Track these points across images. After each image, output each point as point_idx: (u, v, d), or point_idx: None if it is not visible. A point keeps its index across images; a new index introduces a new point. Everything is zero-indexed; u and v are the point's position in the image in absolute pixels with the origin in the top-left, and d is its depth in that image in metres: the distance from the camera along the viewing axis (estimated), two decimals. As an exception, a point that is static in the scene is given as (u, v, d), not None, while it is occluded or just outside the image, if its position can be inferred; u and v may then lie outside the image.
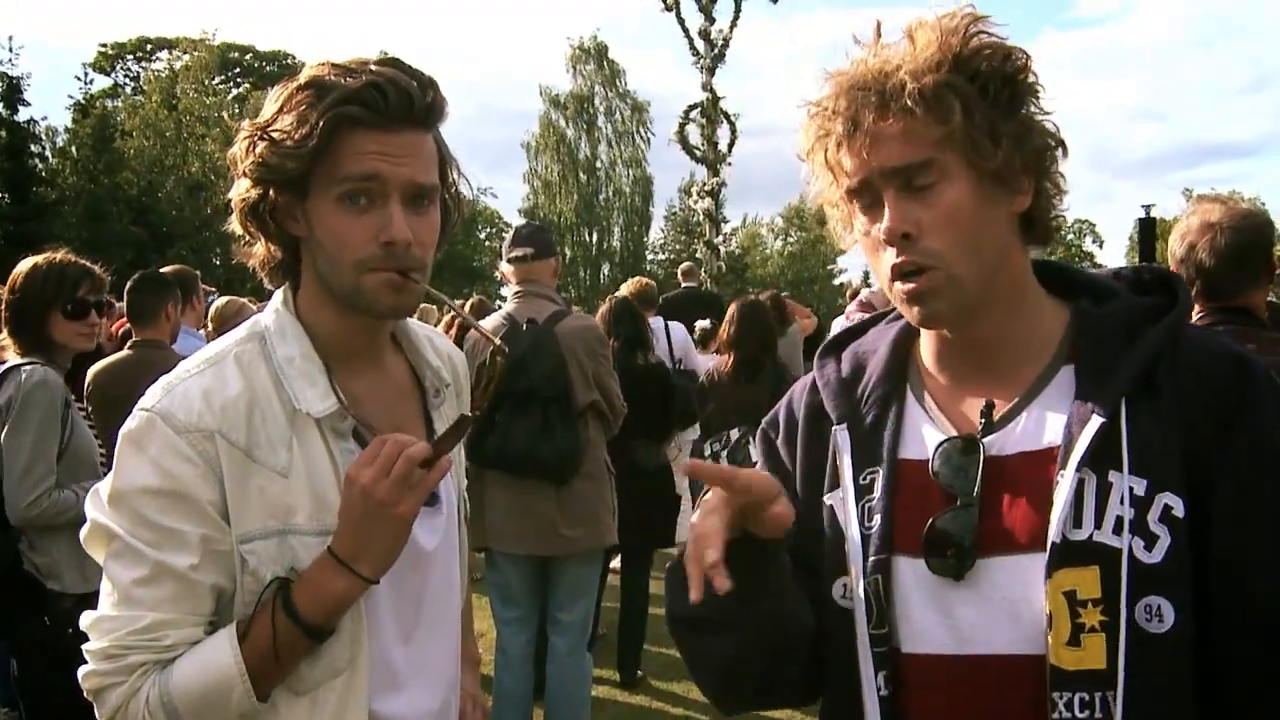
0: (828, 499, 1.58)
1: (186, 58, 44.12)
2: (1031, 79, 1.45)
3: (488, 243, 53.30)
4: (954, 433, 1.50)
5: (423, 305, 9.64)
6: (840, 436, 1.58)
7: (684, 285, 11.47)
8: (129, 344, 5.09)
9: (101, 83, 45.83)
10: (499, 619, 5.11)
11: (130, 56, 51.10)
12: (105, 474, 1.70)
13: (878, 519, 1.50)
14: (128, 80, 50.24)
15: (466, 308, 9.90)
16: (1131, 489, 1.35)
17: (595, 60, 53.53)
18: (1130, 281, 1.59)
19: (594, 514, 4.87)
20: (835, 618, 1.52)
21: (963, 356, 1.54)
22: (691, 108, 23.49)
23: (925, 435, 1.53)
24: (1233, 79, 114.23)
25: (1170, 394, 1.39)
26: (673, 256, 52.77)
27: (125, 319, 5.43)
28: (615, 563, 6.64)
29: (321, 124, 1.59)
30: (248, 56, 50.75)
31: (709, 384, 6.59)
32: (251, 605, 1.63)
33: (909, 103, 1.38)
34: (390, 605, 1.75)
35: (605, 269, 55.16)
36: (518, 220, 51.85)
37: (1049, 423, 1.44)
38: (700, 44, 23.21)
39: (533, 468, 4.72)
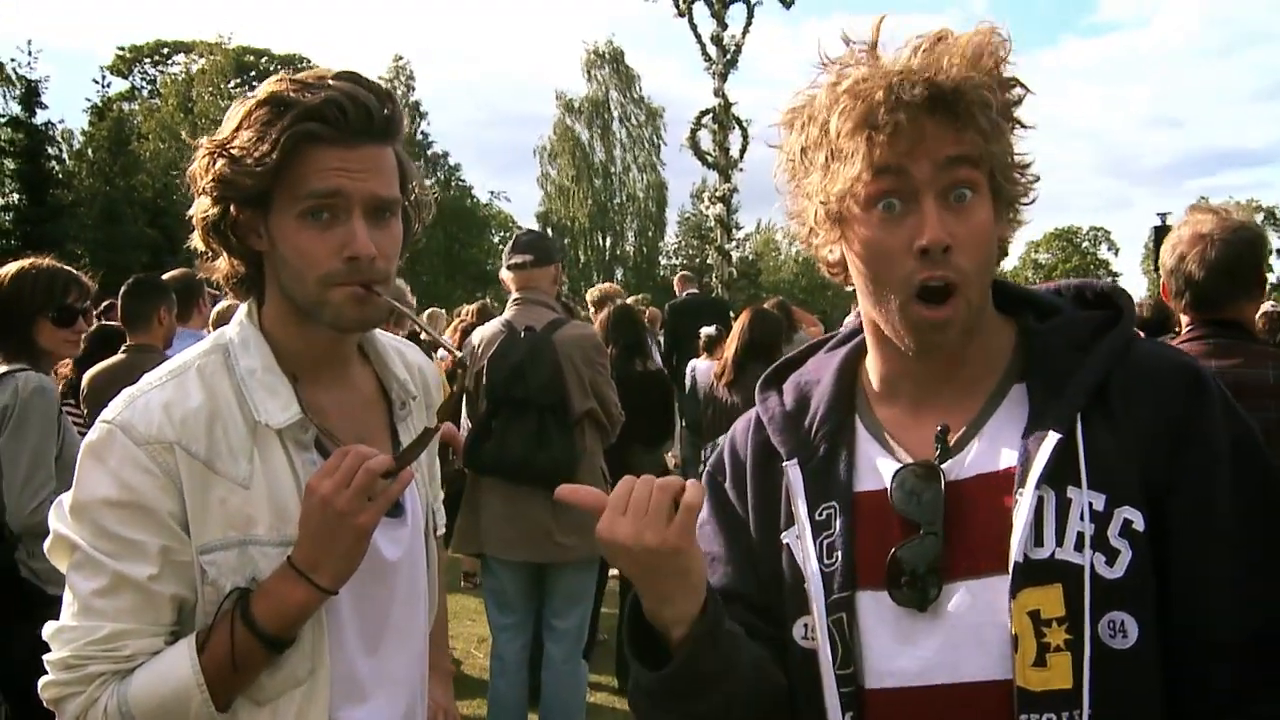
0: (784, 538, 1.55)
1: (202, 61, 44.51)
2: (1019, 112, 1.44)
3: (501, 246, 53.35)
4: (909, 460, 1.48)
5: (431, 310, 9.69)
6: (792, 473, 1.55)
7: (685, 292, 11.43)
8: (122, 348, 5.10)
9: (119, 86, 46.22)
10: (494, 624, 5.12)
11: (147, 60, 51.46)
12: None
13: (839, 555, 1.48)
14: (144, 83, 50.61)
15: (470, 313, 9.94)
16: (1091, 504, 1.34)
17: (610, 65, 53.61)
18: (1072, 298, 1.58)
19: (589, 522, 4.78)
20: (799, 659, 1.50)
21: (916, 380, 1.51)
22: (703, 114, 23.52)
23: (880, 465, 1.51)
24: (1250, 84, 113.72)
25: (1123, 407, 1.38)
26: (685, 261, 52.67)
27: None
28: (616, 569, 6.64)
29: (282, 141, 1.60)
30: (263, 60, 50.87)
31: (710, 391, 6.59)
32: (212, 615, 1.64)
33: (975, 114, 1.35)
34: (352, 616, 1.76)
35: (619, 274, 55.11)
36: (532, 224, 51.98)
37: (1004, 442, 1.43)
38: (713, 50, 23.25)
39: (528, 475, 4.73)
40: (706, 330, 8.55)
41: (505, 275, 5.13)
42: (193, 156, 1.72)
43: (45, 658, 1.64)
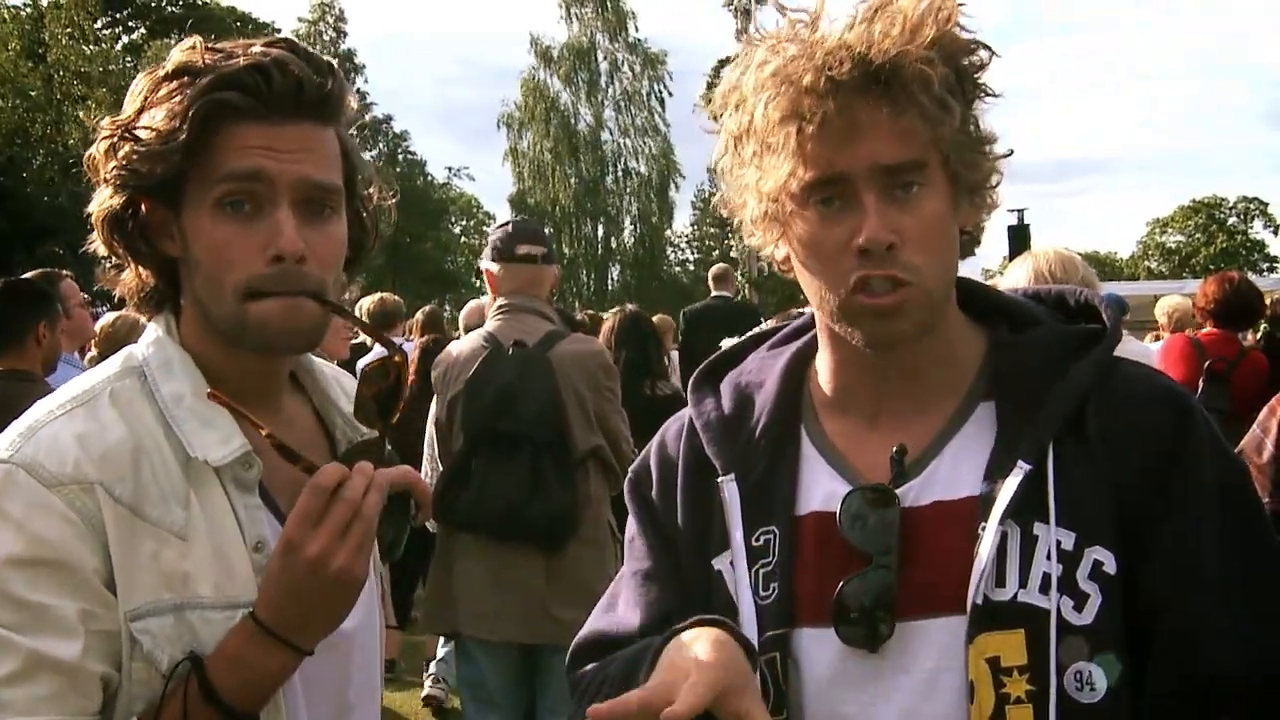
0: (716, 563, 1.75)
1: (58, -7, 44.16)
2: (987, 78, 1.66)
3: (463, 238, 53.07)
4: (861, 481, 1.68)
5: (382, 296, 9.79)
6: (728, 490, 1.75)
7: (714, 294, 11.68)
8: None
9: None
10: (473, 725, 5.16)
11: (-20, -11, 51.11)
12: None
13: (775, 587, 1.68)
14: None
15: (418, 320, 10.18)
16: (1059, 543, 1.58)
17: (595, 1, 53.65)
18: (1053, 305, 1.81)
19: (593, 589, 4.66)
20: None
21: (872, 389, 1.74)
22: (723, 62, 23.65)
23: (827, 486, 1.71)
24: None
25: (1099, 437, 1.62)
26: (701, 256, 52.69)
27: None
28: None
29: (193, 113, 1.69)
30: (142, -7, 50.84)
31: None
32: (141, 700, 1.68)
33: (915, 93, 1.56)
34: (308, 697, 1.85)
35: (614, 272, 55.06)
36: (504, 209, 51.69)
37: (967, 468, 1.65)
38: (737, -22, 23.43)
39: (519, 530, 4.79)
40: (728, 342, 8.73)
41: (495, 270, 5.11)
42: (94, 139, 1.81)
43: None
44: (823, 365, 1.80)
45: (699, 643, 1.54)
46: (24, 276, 5.90)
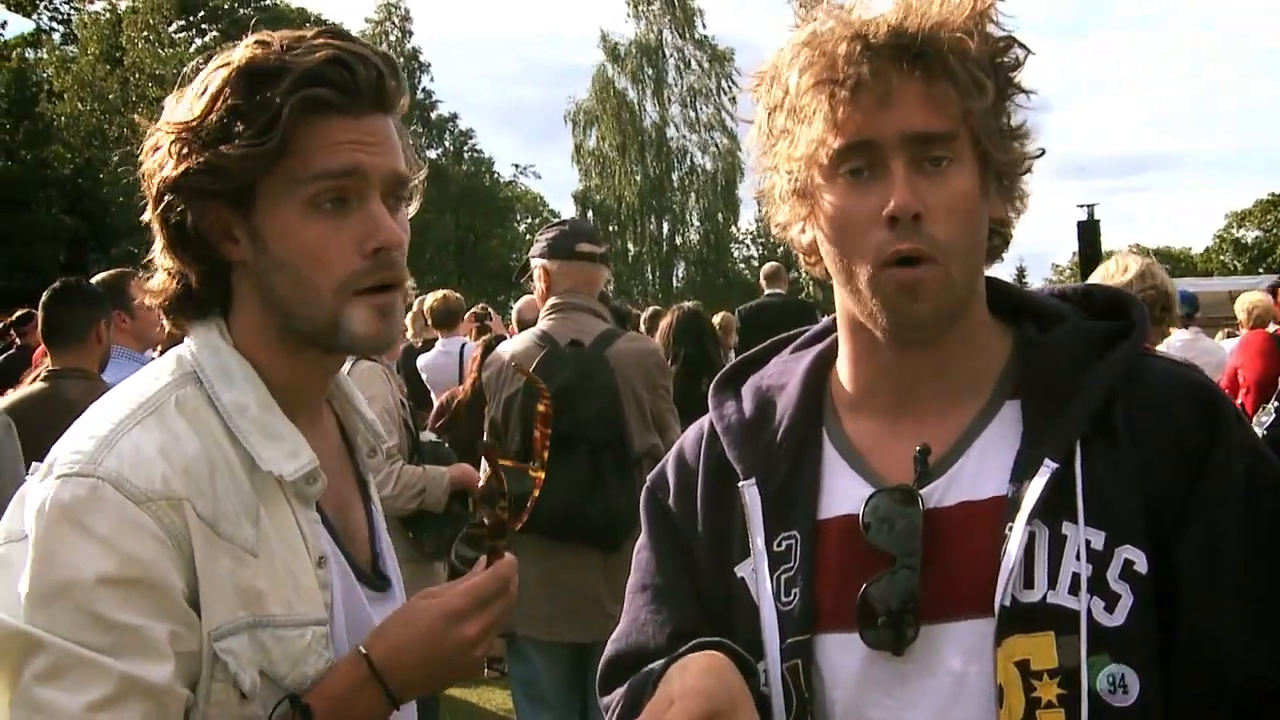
0: (739, 570, 1.72)
1: (135, -4, 44.77)
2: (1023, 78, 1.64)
3: (529, 236, 53.36)
4: (885, 483, 1.66)
5: (445, 293, 9.88)
6: (749, 494, 1.73)
7: (768, 292, 11.61)
8: (44, 374, 5.10)
9: (18, 27, 46.75)
10: (526, 724, 5.17)
11: (61, -6, 51.94)
12: None
13: (796, 593, 1.65)
14: (55, 25, 51.20)
15: (470, 316, 10.23)
16: (1088, 542, 1.55)
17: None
18: (1078, 303, 1.77)
19: None
20: (759, 710, 1.60)
21: (896, 386, 1.71)
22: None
23: (850, 487, 1.69)
24: None
25: (1128, 434, 1.58)
26: (767, 253, 52.54)
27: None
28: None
29: (284, 113, 1.65)
30: (214, -4, 51.44)
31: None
32: None
33: (950, 62, 1.54)
34: None
35: (680, 269, 55.12)
36: (569, 206, 51.97)
37: (993, 467, 1.62)
38: (802, -26, 23.32)
39: (577, 530, 4.79)
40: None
41: (552, 267, 5.10)
42: (140, 145, 1.75)
43: None
44: (844, 364, 1.78)
45: (686, 671, 1.52)
46: (83, 280, 5.93)
